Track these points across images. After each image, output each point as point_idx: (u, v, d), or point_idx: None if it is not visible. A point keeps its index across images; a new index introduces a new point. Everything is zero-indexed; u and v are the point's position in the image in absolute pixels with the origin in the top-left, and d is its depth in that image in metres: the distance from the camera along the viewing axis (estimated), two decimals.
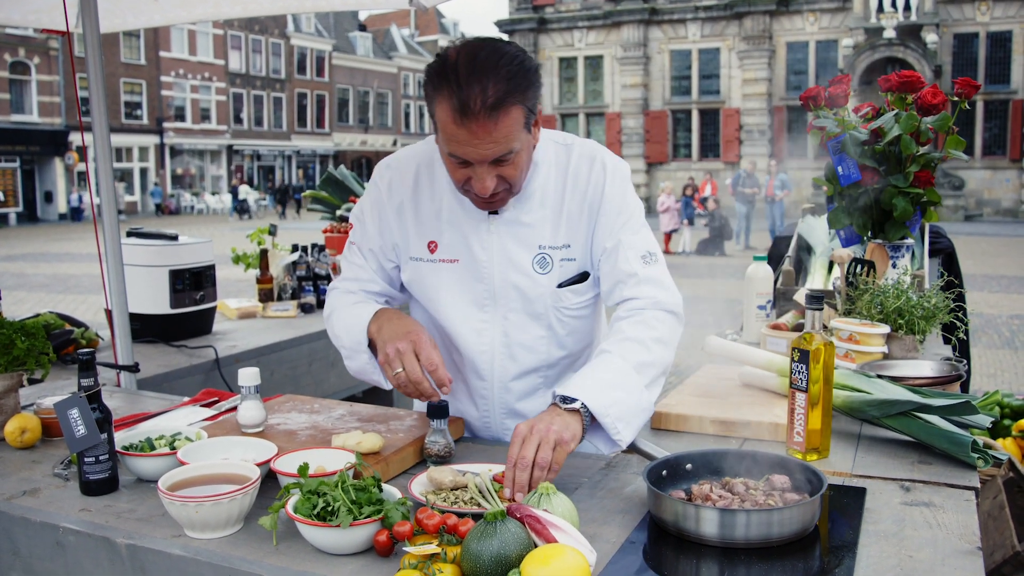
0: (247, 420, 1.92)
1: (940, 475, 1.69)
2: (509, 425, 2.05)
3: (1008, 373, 7.84)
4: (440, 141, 1.76)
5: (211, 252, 3.54)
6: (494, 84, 1.62)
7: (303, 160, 51.38)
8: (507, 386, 2.01)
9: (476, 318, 1.97)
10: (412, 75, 57.67)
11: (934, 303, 2.41)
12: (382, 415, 2.04)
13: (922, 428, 1.81)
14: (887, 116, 2.67)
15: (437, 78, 1.67)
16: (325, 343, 3.66)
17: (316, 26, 51.24)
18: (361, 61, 53.83)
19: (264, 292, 3.98)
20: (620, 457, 1.88)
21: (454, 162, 1.74)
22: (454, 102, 1.63)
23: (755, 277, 3.05)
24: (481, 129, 1.64)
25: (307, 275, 4.01)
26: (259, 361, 3.30)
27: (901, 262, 2.79)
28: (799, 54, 32.89)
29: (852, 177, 2.69)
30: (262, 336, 3.52)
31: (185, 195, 42.58)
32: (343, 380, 3.79)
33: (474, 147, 1.67)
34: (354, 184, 4.91)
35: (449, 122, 1.66)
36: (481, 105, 1.61)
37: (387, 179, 2.01)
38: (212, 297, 3.54)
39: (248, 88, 47.18)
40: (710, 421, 2.05)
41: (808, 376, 1.77)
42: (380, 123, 55.70)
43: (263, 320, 3.83)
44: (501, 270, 1.93)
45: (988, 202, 30.14)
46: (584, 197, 1.93)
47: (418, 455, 1.85)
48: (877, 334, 2.47)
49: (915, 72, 2.64)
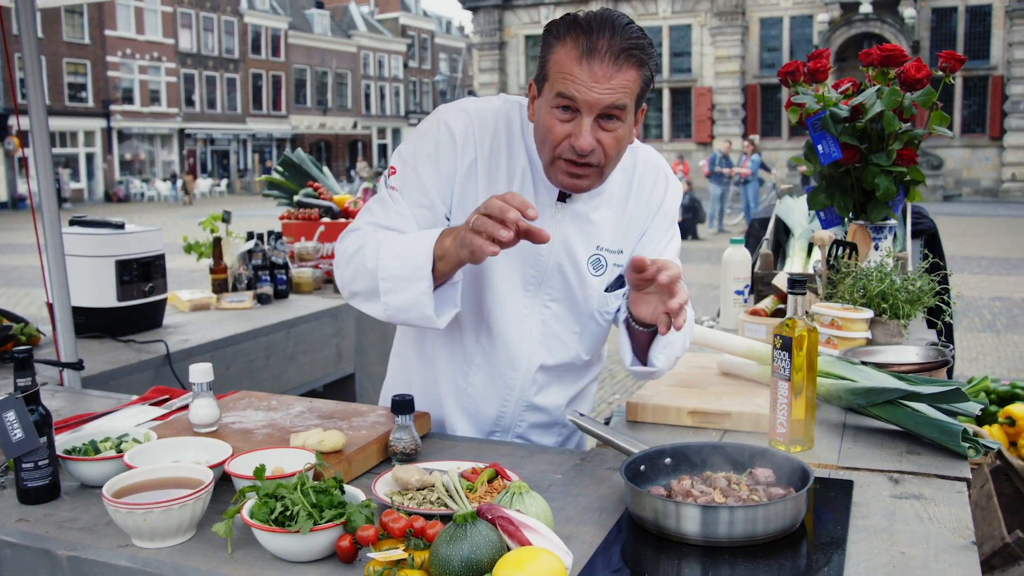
0: (199, 419, 1.87)
1: (930, 466, 1.68)
2: (527, 418, 2.05)
3: (990, 357, 7.95)
4: (548, 91, 1.75)
5: (160, 241, 3.47)
6: (623, 36, 1.69)
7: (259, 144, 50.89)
8: (534, 377, 2.01)
9: (520, 303, 1.94)
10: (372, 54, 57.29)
11: (919, 286, 2.41)
12: (343, 411, 2.00)
13: (910, 417, 1.80)
14: (868, 92, 2.66)
15: (562, 27, 1.74)
16: (283, 335, 3.62)
17: (271, 3, 50.69)
18: (319, 40, 53.34)
19: (218, 283, 3.92)
20: (594, 452, 1.86)
21: (558, 111, 1.73)
22: (582, 43, 1.69)
23: (732, 261, 3.05)
24: (602, 71, 1.68)
25: (263, 264, 3.95)
26: (213, 356, 3.25)
27: (884, 244, 2.79)
28: (773, 30, 33.09)
29: (833, 156, 2.69)
30: (216, 329, 3.47)
31: (134, 182, 41.97)
32: (302, 374, 3.74)
33: (590, 88, 1.69)
34: (312, 168, 4.84)
35: (571, 62, 1.69)
36: (608, 48, 1.67)
37: (462, 127, 1.88)
38: (162, 288, 3.48)
39: (200, 69, 46.57)
40: (688, 412, 2.03)
41: (791, 364, 1.75)
42: (339, 105, 55.27)
43: (217, 312, 3.77)
44: (556, 261, 1.92)
45: (967, 182, 30.56)
46: (646, 207, 1.98)
47: (382, 453, 1.82)
48: (860, 319, 2.47)
49: (897, 46, 2.63)
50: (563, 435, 2.12)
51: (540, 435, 2.09)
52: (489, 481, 1.60)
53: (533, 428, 2.07)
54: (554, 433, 2.11)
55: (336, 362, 3.96)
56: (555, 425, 2.09)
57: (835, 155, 2.69)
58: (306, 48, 52.38)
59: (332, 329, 3.91)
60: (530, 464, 1.79)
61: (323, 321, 3.83)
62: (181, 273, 10.58)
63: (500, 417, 2.04)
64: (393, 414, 1.79)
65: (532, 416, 2.05)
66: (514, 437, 2.07)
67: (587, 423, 1.79)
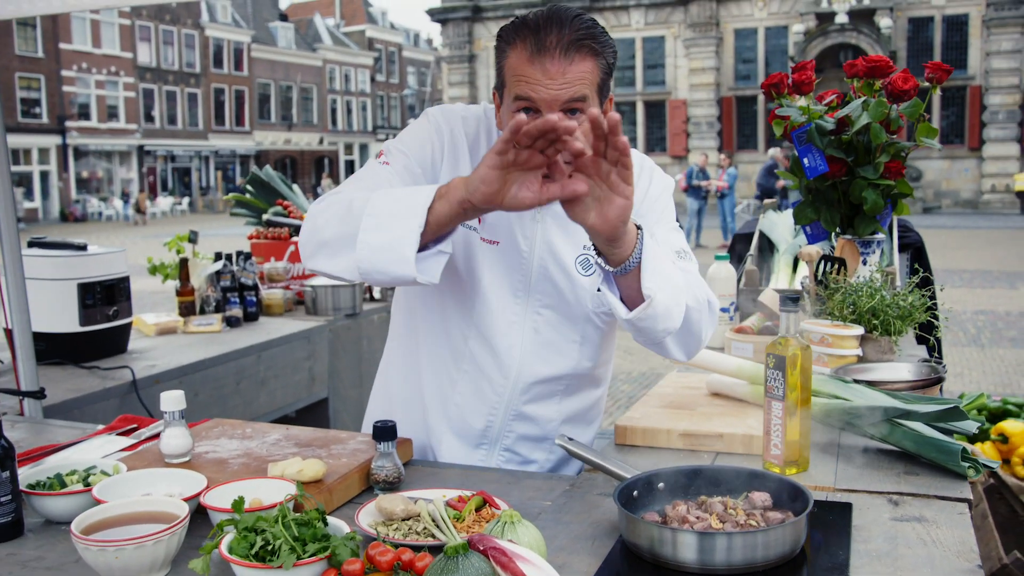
0: (171, 449, 1.85)
1: (929, 487, 1.68)
2: (516, 429, 2.04)
3: (975, 372, 8.03)
4: (507, 96, 1.77)
5: (125, 262, 3.44)
6: (572, 28, 1.71)
7: (222, 161, 50.66)
8: (526, 387, 2.00)
9: (510, 310, 1.95)
10: (338, 68, 57.29)
11: (910, 302, 2.43)
12: (322, 439, 1.98)
13: (907, 436, 1.81)
14: (854, 104, 2.69)
15: (512, 30, 1.77)
16: (254, 360, 3.58)
17: (233, 15, 50.61)
18: (283, 53, 53.27)
19: (185, 305, 3.88)
20: (584, 477, 1.85)
21: (520, 114, 1.70)
22: (529, 42, 1.72)
23: (717, 278, 3.05)
24: (555, 67, 1.70)
25: (232, 286, 3.92)
26: (181, 382, 3.21)
27: (872, 258, 2.81)
28: (748, 41, 33.44)
29: (819, 169, 2.70)
30: (184, 354, 3.43)
31: (91, 200, 41.57)
32: (274, 400, 3.71)
33: (545, 87, 1.70)
34: (281, 186, 4.82)
35: (522, 62, 1.72)
36: (557, 43, 1.70)
37: (449, 124, 1.95)
38: (127, 312, 3.44)
39: (160, 83, 46.35)
40: (678, 434, 2.02)
41: (785, 384, 1.75)
42: (305, 120, 55.17)
43: (184, 336, 3.73)
44: (540, 263, 1.93)
45: (946, 193, 30.97)
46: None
47: (364, 482, 1.80)
48: (850, 336, 2.48)
49: (883, 56, 2.66)
50: (556, 452, 2.11)
51: (530, 449, 2.07)
52: (477, 509, 1.58)
53: (522, 440, 2.06)
54: (545, 448, 2.09)
55: (309, 386, 3.93)
56: (546, 440, 2.08)
57: (821, 168, 2.70)
58: (270, 62, 52.30)
59: (304, 352, 3.88)
60: (517, 491, 1.78)
61: (295, 344, 3.80)
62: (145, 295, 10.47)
63: (488, 428, 2.03)
64: (375, 441, 1.77)
65: (521, 427, 2.04)
66: (502, 450, 2.05)
67: (576, 447, 1.78)
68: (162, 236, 4.75)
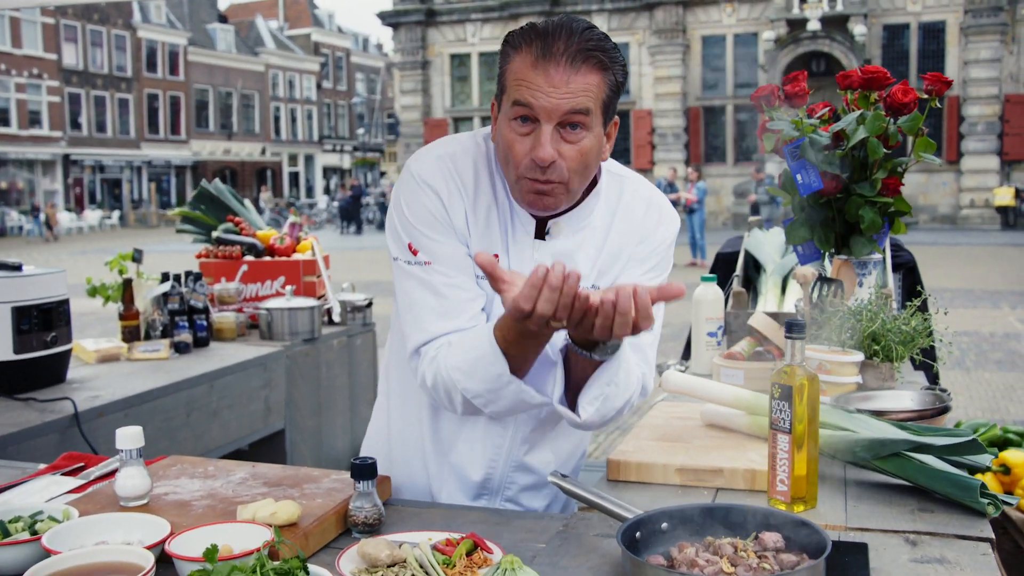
0: (128, 491, 1.80)
1: (947, 525, 1.69)
2: (516, 479, 2.05)
3: (962, 396, 8.14)
4: (506, 103, 1.77)
5: (65, 284, 3.37)
6: (582, 38, 1.73)
7: (156, 172, 50.16)
8: (526, 436, 2.02)
9: None
10: (282, 74, 57.07)
11: (912, 326, 2.45)
12: (293, 477, 1.95)
13: (920, 471, 1.81)
14: (850, 117, 2.72)
15: (519, 35, 1.78)
16: (206, 389, 3.53)
17: (168, 16, 50.24)
18: (222, 57, 52.97)
19: (129, 330, 3.81)
20: (579, 516, 1.84)
21: (517, 124, 1.74)
22: (536, 47, 1.73)
23: (704, 300, 3.06)
24: (559, 75, 1.70)
25: (181, 308, 3.85)
26: (127, 414, 3.15)
27: (868, 280, 2.84)
28: (716, 49, 33.83)
29: (813, 186, 2.73)
30: (129, 383, 3.37)
31: (11, 213, 40.83)
32: (227, 432, 3.65)
33: (547, 94, 1.70)
34: (232, 200, 4.76)
35: (525, 66, 1.73)
36: (565, 49, 1.71)
37: (442, 176, 1.87)
38: (66, 338, 3.37)
39: (87, 88, 45.82)
40: (675, 470, 2.02)
41: (792, 415, 1.76)
42: (246, 129, 54.85)
43: (129, 364, 3.67)
44: None
45: (924, 208, 31.47)
46: (627, 240, 1.97)
47: (341, 524, 1.77)
48: (850, 362, 2.50)
49: (880, 68, 2.70)
50: (551, 496, 2.13)
51: (530, 498, 2.10)
52: (467, 554, 1.56)
53: (523, 491, 2.08)
54: (544, 495, 2.11)
55: (265, 417, 3.88)
56: (545, 486, 2.10)
57: (816, 185, 2.73)
58: (208, 66, 51.97)
59: (260, 381, 3.83)
60: (508, 532, 1.76)
61: (250, 372, 3.75)
62: (84, 319, 10.26)
63: (488, 479, 2.04)
64: (353, 479, 1.74)
65: (523, 478, 2.06)
66: (503, 501, 2.07)
67: (571, 485, 1.77)
68: (88, 253, 4.65)
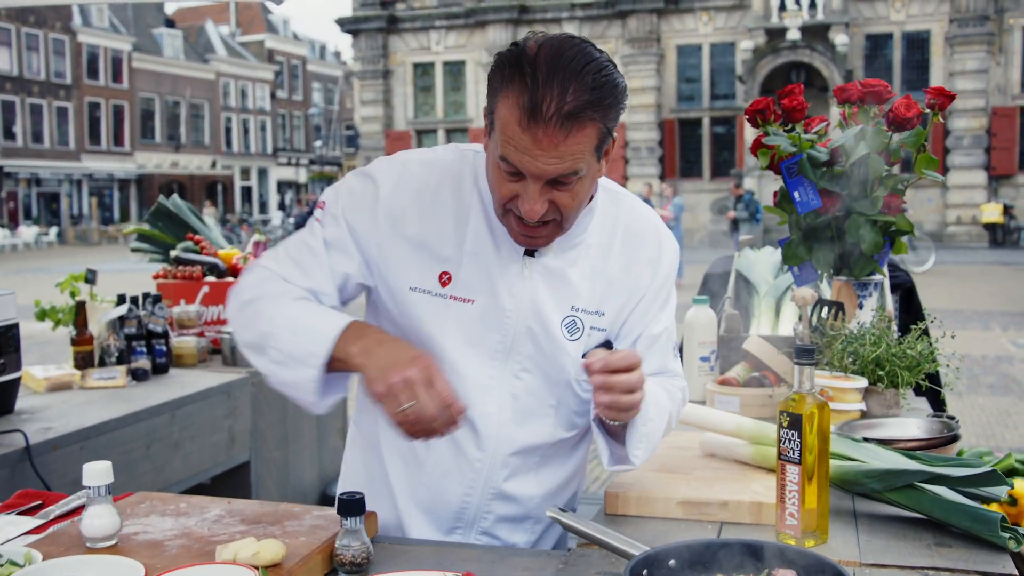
0: (96, 531, 1.79)
1: (967, 560, 1.71)
2: (495, 509, 2.03)
3: None
4: (493, 143, 1.75)
5: (14, 307, 3.32)
6: (575, 90, 1.65)
7: (97, 185, 49.79)
8: (506, 460, 1.99)
9: (485, 374, 1.93)
10: (233, 82, 56.92)
11: (918, 350, 2.48)
12: (272, 514, 1.94)
13: (936, 503, 1.83)
14: (849, 133, 2.76)
15: (510, 68, 1.70)
16: (167, 419, 3.49)
17: (111, 20, 50.02)
18: (169, 64, 52.79)
19: (82, 356, 3.77)
20: (577, 553, 1.84)
21: (504, 172, 1.73)
22: (524, 100, 1.65)
23: (696, 323, 3.08)
24: (548, 139, 1.66)
25: (138, 333, 3.82)
26: (83, 447, 3.11)
27: (868, 302, 2.87)
28: (691, 59, 34.15)
29: (812, 204, 2.76)
30: (84, 414, 3.32)
31: None
32: (189, 465, 3.62)
33: (534, 157, 1.68)
34: (191, 217, 4.74)
35: (513, 122, 1.68)
36: (555, 111, 1.64)
37: (394, 178, 1.91)
38: (15, 366, 3.31)
39: (22, 95, 45.44)
40: (677, 503, 2.02)
41: (802, 445, 1.77)
42: (195, 140, 54.64)
43: (82, 392, 3.62)
44: (526, 324, 1.92)
45: None
46: (634, 262, 1.99)
47: (327, 564, 1.76)
48: (854, 388, 2.52)
49: (881, 80, 2.74)
50: (536, 532, 2.10)
51: (509, 531, 2.06)
52: None
53: (501, 522, 2.05)
54: (526, 530, 2.08)
55: (228, 449, 3.84)
56: (527, 520, 2.07)
57: (814, 203, 2.76)
58: (154, 74, 51.75)
59: (224, 410, 3.80)
60: (503, 570, 1.76)
61: (213, 400, 3.72)
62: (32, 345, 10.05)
63: (463, 509, 2.02)
64: (340, 516, 1.74)
65: (501, 507, 2.03)
66: (478, 534, 2.04)
67: (571, 519, 1.78)
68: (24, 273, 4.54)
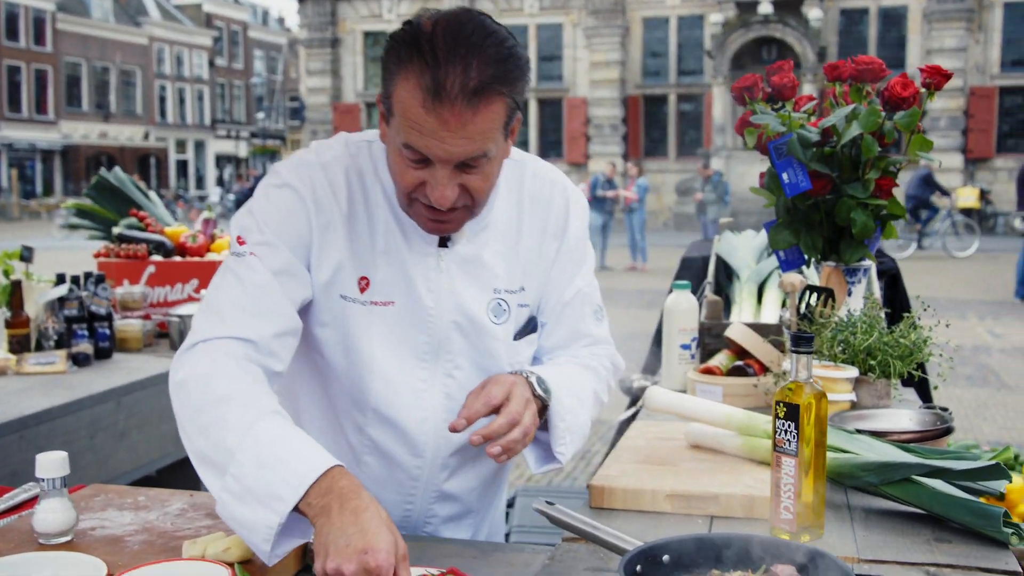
0: (49, 526, 1.80)
1: (967, 556, 1.74)
2: (436, 511, 2.05)
3: None
4: (393, 131, 1.73)
5: None
6: (479, 65, 1.65)
7: (18, 156, 48.91)
8: (445, 461, 2.01)
9: (416, 377, 1.94)
10: (168, 48, 56.18)
11: (912, 339, 2.52)
12: None
13: (935, 498, 1.86)
14: (840, 112, 2.78)
15: (405, 49, 1.67)
16: (112, 407, 3.46)
17: None
18: (98, 27, 51.97)
19: (17, 339, 3.71)
20: (564, 548, 1.85)
21: (408, 160, 1.72)
22: (426, 81, 1.64)
23: (676, 310, 3.10)
24: (455, 118, 1.65)
25: (79, 315, 3.76)
26: (22, 436, 3.07)
27: (858, 289, 2.91)
28: (658, 33, 34.20)
29: (801, 186, 2.78)
30: (21, 401, 3.27)
31: None
32: (135, 456, 3.58)
33: (441, 140, 1.67)
34: (135, 192, 4.68)
35: (416, 105, 1.65)
36: (460, 88, 1.63)
37: (309, 182, 1.87)
38: None
39: None
40: (665, 496, 2.04)
41: (799, 436, 1.79)
42: (126, 110, 53.87)
43: (19, 379, 3.56)
44: (450, 318, 1.92)
45: None
46: (544, 230, 2.01)
47: (300, 559, 1.76)
48: (844, 379, 2.56)
49: (875, 58, 2.77)
50: (474, 526, 2.15)
51: (453, 529, 2.11)
52: None
53: (445, 523, 2.09)
54: (467, 526, 2.13)
55: (176, 439, 3.78)
56: (468, 515, 2.12)
57: (804, 185, 2.78)
58: (81, 37, 50.90)
59: None
60: (486, 566, 1.77)
61: (161, 387, 3.62)
62: None
63: (406, 517, 2.04)
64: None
65: (443, 508, 2.07)
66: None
67: (561, 514, 1.78)
68: None
